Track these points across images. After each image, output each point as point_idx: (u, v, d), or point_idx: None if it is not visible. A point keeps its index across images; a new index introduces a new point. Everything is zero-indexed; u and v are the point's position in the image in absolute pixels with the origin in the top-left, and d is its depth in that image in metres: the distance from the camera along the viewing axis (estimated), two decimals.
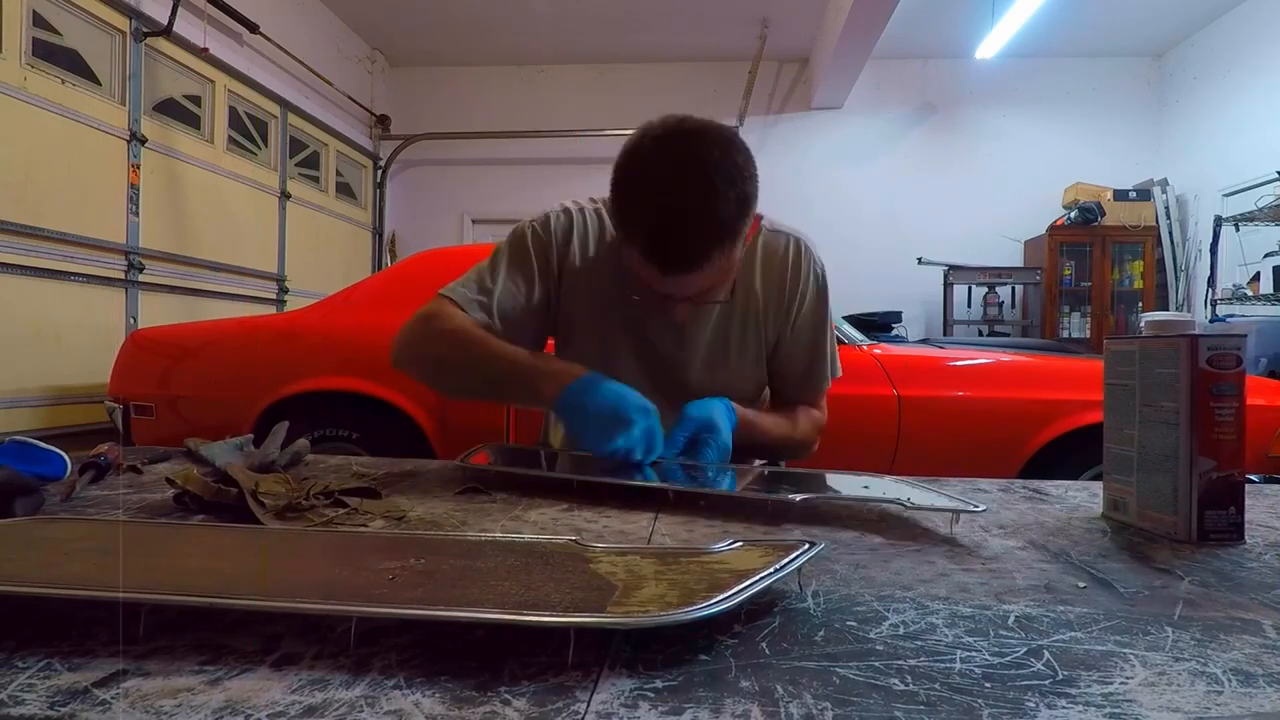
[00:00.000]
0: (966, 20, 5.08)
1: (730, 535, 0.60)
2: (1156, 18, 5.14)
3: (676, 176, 0.84)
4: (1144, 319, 0.73)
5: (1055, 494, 0.85)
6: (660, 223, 0.85)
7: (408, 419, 2.42)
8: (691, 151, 0.85)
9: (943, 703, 0.33)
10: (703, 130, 0.87)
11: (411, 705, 0.32)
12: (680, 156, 0.85)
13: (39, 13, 3.08)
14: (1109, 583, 0.52)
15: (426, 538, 0.56)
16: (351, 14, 5.34)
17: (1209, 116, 5.17)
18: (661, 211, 0.85)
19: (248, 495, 0.66)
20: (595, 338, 1.06)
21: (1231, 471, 0.64)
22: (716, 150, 0.85)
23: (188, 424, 2.46)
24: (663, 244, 0.86)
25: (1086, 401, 2.21)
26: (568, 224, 1.07)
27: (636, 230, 0.88)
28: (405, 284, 2.74)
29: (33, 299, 3.03)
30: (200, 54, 3.86)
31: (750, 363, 1.11)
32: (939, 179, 5.77)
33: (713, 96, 5.79)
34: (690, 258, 0.87)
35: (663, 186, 0.85)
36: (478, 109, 6.03)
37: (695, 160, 0.85)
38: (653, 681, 0.35)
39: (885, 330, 4.13)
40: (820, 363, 1.14)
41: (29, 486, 0.66)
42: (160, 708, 0.32)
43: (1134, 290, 5.42)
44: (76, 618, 0.42)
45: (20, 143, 2.97)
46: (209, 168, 4.09)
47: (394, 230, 6.13)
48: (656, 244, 0.86)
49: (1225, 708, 0.34)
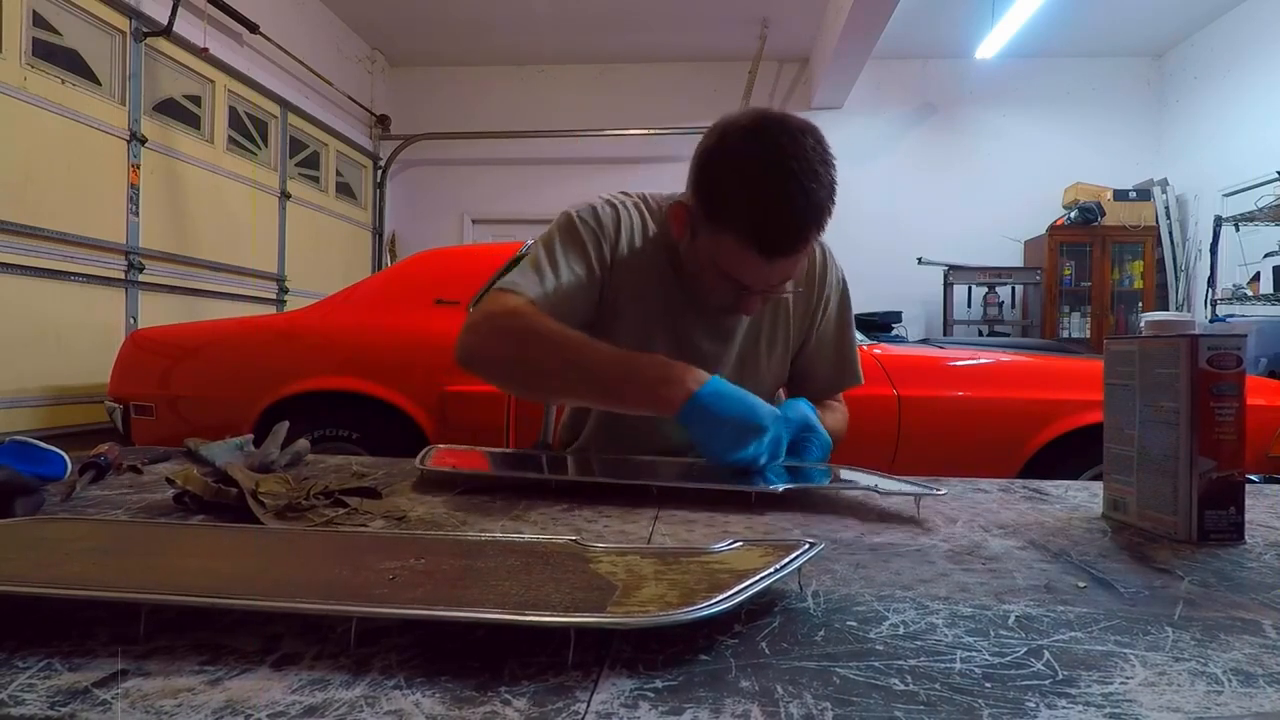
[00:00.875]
0: (966, 20, 5.08)
1: (730, 535, 0.60)
2: (1156, 18, 5.14)
3: (777, 161, 0.85)
4: (1144, 319, 0.73)
5: (1055, 494, 0.85)
6: (765, 208, 0.86)
7: (408, 419, 2.42)
8: (787, 137, 0.86)
9: (943, 703, 0.33)
10: (787, 118, 0.88)
11: (411, 705, 0.32)
12: (777, 142, 0.86)
13: (39, 13, 3.08)
14: (1109, 583, 0.52)
15: (426, 538, 0.56)
16: (351, 14, 5.34)
17: (1209, 116, 5.17)
18: (767, 197, 0.86)
19: (248, 495, 0.66)
20: (635, 331, 1.05)
21: (1231, 471, 0.63)
22: (809, 137, 0.87)
23: (188, 424, 2.46)
24: (767, 228, 0.87)
25: (1086, 401, 2.21)
26: (614, 216, 1.06)
27: (739, 218, 0.88)
28: (405, 284, 2.74)
29: (33, 299, 3.03)
30: (200, 54, 3.86)
31: (776, 363, 1.13)
32: (939, 179, 5.77)
33: (713, 96, 5.79)
34: (796, 240, 0.88)
35: (765, 171, 0.85)
36: (478, 109, 6.03)
37: (793, 145, 0.85)
38: (653, 681, 0.35)
39: (885, 330, 4.13)
40: (844, 365, 1.16)
41: (29, 486, 0.66)
42: (160, 708, 0.32)
43: (1134, 290, 5.42)
44: (76, 618, 0.41)
45: (20, 143, 2.97)
46: (209, 168, 4.09)
47: (394, 230, 6.13)
48: (761, 229, 0.87)
49: (1225, 708, 0.34)
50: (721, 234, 0.90)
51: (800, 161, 0.85)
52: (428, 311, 2.54)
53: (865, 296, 5.11)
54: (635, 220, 1.07)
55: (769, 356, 1.12)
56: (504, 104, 6.04)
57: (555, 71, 6.05)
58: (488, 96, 6.07)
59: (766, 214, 0.86)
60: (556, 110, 5.94)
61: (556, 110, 5.94)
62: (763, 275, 0.92)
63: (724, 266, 0.93)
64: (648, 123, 5.81)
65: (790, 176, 0.84)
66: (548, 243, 1.03)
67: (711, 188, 0.91)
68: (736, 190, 0.88)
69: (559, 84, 6.03)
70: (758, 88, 5.65)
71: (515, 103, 6.04)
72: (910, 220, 5.69)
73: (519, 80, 6.07)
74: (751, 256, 0.89)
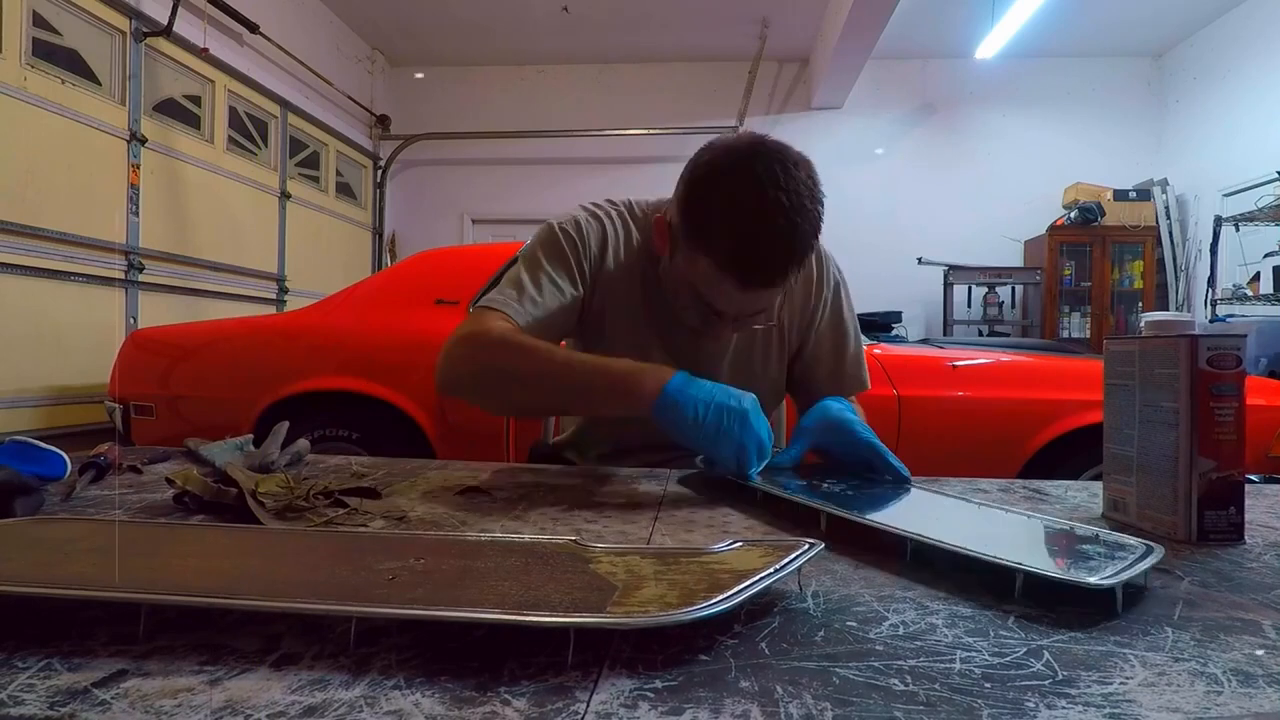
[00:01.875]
0: (966, 20, 5.08)
1: (730, 535, 0.60)
2: (1156, 18, 5.14)
3: (767, 194, 0.83)
4: (1144, 319, 0.73)
5: (1055, 494, 0.85)
6: (749, 237, 0.84)
7: (408, 419, 2.42)
8: (780, 167, 0.84)
9: (942, 703, 0.33)
10: (784, 149, 0.86)
11: (411, 705, 0.32)
12: (770, 171, 0.83)
13: (39, 13, 3.08)
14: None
15: (426, 538, 0.56)
16: (351, 14, 5.34)
17: (1209, 116, 5.17)
18: (751, 226, 0.84)
19: (248, 495, 0.66)
20: (626, 342, 1.04)
21: (1231, 472, 0.63)
22: (802, 170, 0.85)
23: (188, 424, 2.46)
24: (747, 259, 0.85)
25: (1086, 401, 2.21)
26: (600, 230, 1.05)
27: (720, 244, 0.86)
28: (405, 284, 2.74)
29: (33, 299, 3.03)
30: (200, 54, 3.86)
31: (773, 371, 1.12)
32: (939, 179, 5.77)
33: (713, 96, 5.79)
34: (774, 274, 0.86)
35: (752, 202, 0.83)
36: (478, 109, 6.03)
37: (785, 176, 0.83)
38: (652, 682, 0.35)
39: (885, 330, 4.13)
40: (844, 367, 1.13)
41: (29, 486, 0.66)
42: (160, 708, 0.32)
43: (1134, 290, 5.42)
44: (76, 618, 0.42)
45: (20, 143, 2.97)
46: (209, 168, 4.09)
47: (394, 230, 6.13)
48: (741, 259, 0.85)
49: (1225, 708, 0.34)
50: (700, 256, 0.88)
51: (791, 195, 0.83)
52: (428, 311, 2.54)
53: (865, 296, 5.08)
54: (619, 230, 1.07)
55: (764, 363, 1.11)
56: (504, 104, 6.04)
57: (555, 72, 6.04)
58: (487, 96, 6.07)
59: (749, 244, 0.84)
60: (556, 110, 5.94)
61: (556, 110, 5.94)
62: (736, 304, 0.91)
63: (699, 289, 0.91)
64: (647, 123, 5.81)
65: (779, 210, 0.82)
66: (529, 257, 1.02)
67: (696, 207, 0.88)
68: (721, 215, 0.85)
69: (559, 84, 6.03)
70: (758, 88, 5.65)
71: (515, 103, 6.04)
72: (910, 220, 5.69)
73: (519, 80, 6.07)
74: (728, 284, 0.87)
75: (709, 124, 5.67)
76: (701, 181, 0.88)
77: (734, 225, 0.85)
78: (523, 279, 0.99)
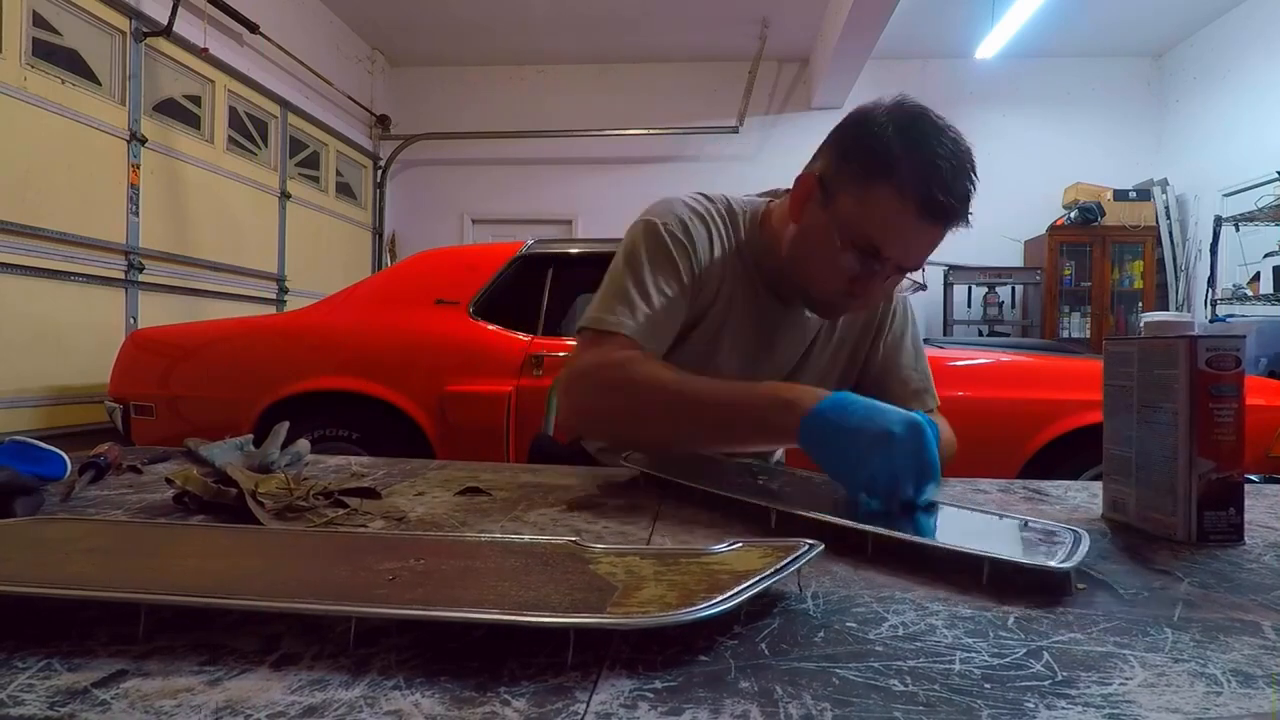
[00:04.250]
0: (966, 20, 5.08)
1: (730, 536, 0.59)
2: (1156, 18, 5.14)
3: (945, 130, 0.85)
4: (1144, 319, 0.73)
5: (1055, 494, 0.85)
6: (932, 161, 0.83)
7: (408, 419, 2.42)
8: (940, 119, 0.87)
9: (942, 704, 0.33)
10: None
11: (411, 705, 0.32)
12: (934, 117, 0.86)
13: (39, 13, 3.08)
14: (1108, 584, 0.52)
15: (426, 538, 0.56)
16: (351, 14, 5.34)
17: (1209, 116, 5.17)
18: (934, 151, 0.83)
19: (247, 495, 0.66)
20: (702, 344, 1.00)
21: (1231, 472, 0.63)
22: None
23: (188, 424, 2.47)
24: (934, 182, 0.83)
25: (1086, 401, 2.21)
26: (705, 231, 1.00)
27: (904, 165, 0.84)
28: (405, 284, 2.74)
29: (33, 299, 3.04)
30: (200, 54, 3.86)
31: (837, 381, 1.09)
32: None
33: (713, 96, 5.79)
34: (957, 199, 0.85)
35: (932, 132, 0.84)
36: (478, 109, 6.03)
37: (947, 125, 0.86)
38: (652, 682, 0.35)
39: None
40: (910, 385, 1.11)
41: (29, 486, 0.66)
42: (160, 708, 0.32)
43: (1134, 290, 5.42)
44: (76, 618, 0.41)
45: (20, 143, 2.97)
46: (209, 168, 4.09)
47: (394, 230, 6.14)
48: (928, 178, 0.83)
49: (1224, 708, 0.34)
50: (876, 189, 0.85)
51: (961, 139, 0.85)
52: (428, 311, 2.54)
53: None
54: (723, 230, 1.02)
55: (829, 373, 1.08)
56: (504, 104, 6.04)
57: (555, 71, 6.05)
58: (488, 96, 6.07)
59: (933, 168, 0.83)
60: (556, 110, 5.94)
61: (556, 110, 5.94)
62: (906, 243, 0.88)
63: (867, 230, 0.87)
64: (648, 123, 5.82)
65: (957, 146, 0.84)
66: (633, 262, 0.96)
67: (869, 143, 0.86)
68: (900, 143, 0.84)
69: (559, 84, 6.03)
70: (758, 88, 5.65)
71: (515, 103, 6.04)
72: None
73: (519, 80, 6.07)
74: (908, 215, 0.85)
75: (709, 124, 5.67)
76: (870, 119, 0.88)
77: (915, 151, 0.84)
78: (631, 291, 0.93)
